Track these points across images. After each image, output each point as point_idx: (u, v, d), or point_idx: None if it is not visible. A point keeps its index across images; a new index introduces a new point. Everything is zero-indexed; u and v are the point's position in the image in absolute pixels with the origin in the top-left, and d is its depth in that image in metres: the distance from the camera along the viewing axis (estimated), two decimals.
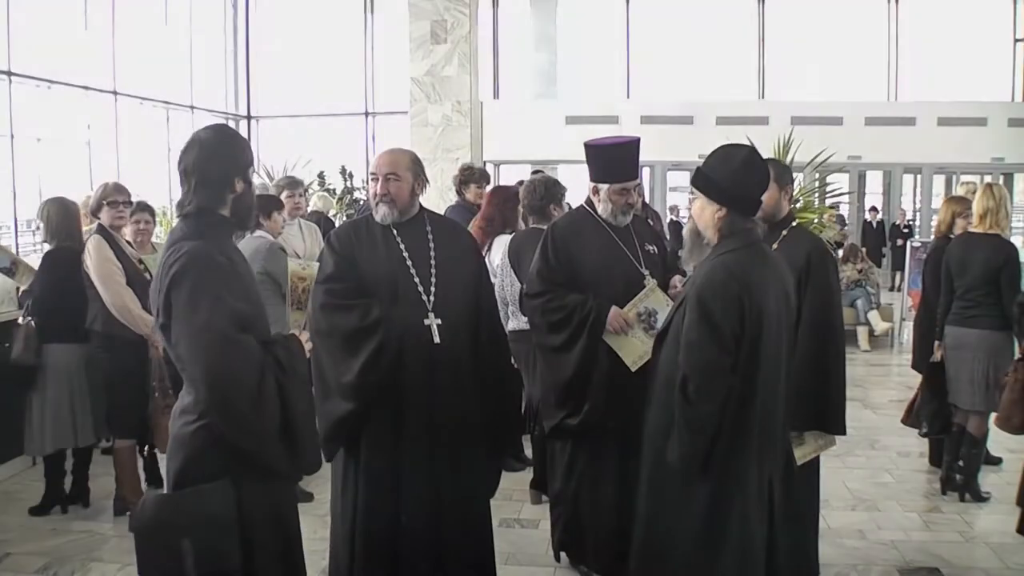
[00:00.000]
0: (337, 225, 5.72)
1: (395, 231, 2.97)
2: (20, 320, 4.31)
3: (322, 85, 15.07)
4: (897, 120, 13.69)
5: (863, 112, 13.68)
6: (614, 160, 3.39)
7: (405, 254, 2.94)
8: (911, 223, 14.55)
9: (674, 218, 13.63)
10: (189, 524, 2.06)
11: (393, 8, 14.07)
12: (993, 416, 4.08)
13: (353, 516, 2.87)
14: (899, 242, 13.80)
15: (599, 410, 3.26)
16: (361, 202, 11.07)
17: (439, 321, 2.89)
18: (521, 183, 4.97)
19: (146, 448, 4.64)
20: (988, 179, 13.78)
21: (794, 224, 3.33)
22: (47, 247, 4.43)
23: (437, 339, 2.87)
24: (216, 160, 2.22)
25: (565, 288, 3.33)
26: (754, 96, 14.62)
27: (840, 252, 9.72)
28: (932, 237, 5.44)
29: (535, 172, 6.67)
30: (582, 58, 15.47)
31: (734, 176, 2.50)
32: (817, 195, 8.58)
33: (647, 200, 9.56)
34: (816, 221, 7.75)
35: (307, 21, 15.29)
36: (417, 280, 2.92)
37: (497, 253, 4.63)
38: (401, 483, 2.84)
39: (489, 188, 5.60)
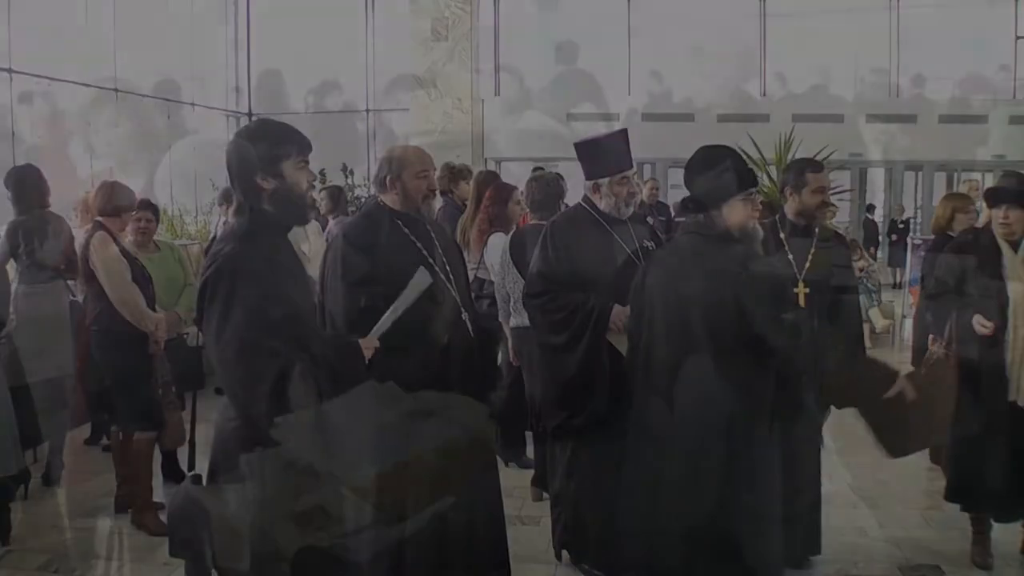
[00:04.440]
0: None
1: (407, 228, 2.96)
2: None
3: (323, 82, 15.04)
4: (898, 118, 13.69)
5: (864, 110, 13.68)
6: (607, 152, 3.39)
7: (424, 252, 2.94)
8: (908, 219, 14.52)
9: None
10: (207, 519, 2.15)
11: (394, 5, 14.06)
12: None
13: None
14: (893, 237, 13.76)
15: (602, 410, 3.26)
16: (362, 199, 11.07)
17: (466, 315, 2.95)
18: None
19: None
20: (990, 177, 13.81)
21: None
22: None
23: (472, 334, 2.94)
24: (236, 157, 2.28)
25: (566, 287, 3.33)
26: (755, 94, 14.61)
27: None
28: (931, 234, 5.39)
29: (536, 170, 6.66)
30: (583, 55, 15.46)
31: (690, 176, 2.88)
32: None
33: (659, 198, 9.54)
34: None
35: (308, 17, 15.26)
36: (443, 277, 2.93)
37: (494, 251, 4.64)
38: None
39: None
